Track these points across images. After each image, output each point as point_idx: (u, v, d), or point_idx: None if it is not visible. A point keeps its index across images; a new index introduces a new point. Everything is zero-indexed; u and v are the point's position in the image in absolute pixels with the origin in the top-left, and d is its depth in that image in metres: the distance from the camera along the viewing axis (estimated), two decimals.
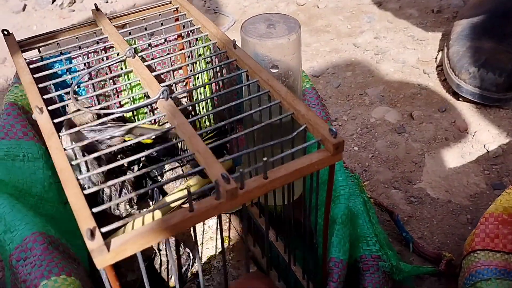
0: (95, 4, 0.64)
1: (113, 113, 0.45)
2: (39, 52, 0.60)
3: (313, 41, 1.14)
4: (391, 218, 0.71)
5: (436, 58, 1.05)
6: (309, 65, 1.07)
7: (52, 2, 1.31)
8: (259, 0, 1.30)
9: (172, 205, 0.59)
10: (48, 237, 0.46)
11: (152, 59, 0.62)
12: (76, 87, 0.50)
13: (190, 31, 0.60)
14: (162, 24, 0.66)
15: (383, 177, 0.82)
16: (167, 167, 0.64)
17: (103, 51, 0.63)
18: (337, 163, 0.49)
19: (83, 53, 0.60)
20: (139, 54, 0.55)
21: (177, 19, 0.66)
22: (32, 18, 1.30)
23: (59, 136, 0.42)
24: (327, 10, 1.24)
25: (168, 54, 0.71)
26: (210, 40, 0.56)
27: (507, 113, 0.91)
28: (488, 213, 0.60)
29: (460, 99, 0.94)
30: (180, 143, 0.61)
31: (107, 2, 1.32)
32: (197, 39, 0.60)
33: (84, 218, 0.35)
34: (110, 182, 0.38)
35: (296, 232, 0.52)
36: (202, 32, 0.58)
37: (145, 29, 0.64)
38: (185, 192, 0.60)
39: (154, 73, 0.50)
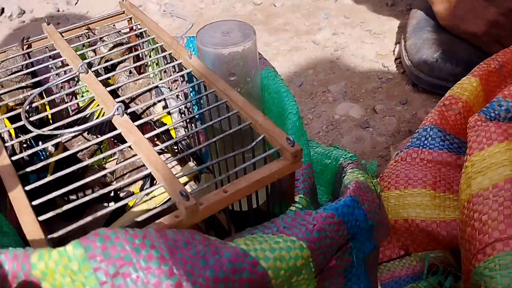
0: (46, 19, 0.62)
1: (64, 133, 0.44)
2: None
3: (273, 40, 1.14)
4: None
5: (394, 51, 1.06)
6: None
7: (1, 14, 1.26)
8: (215, 2, 1.29)
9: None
10: None
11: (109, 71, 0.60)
12: (27, 107, 0.48)
13: (146, 41, 0.59)
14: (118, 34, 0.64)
15: None
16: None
17: (60, 66, 0.61)
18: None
19: (36, 70, 0.57)
20: (97, 67, 0.53)
21: (132, 29, 0.65)
22: None
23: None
24: (284, 8, 1.24)
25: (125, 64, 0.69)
26: (166, 50, 0.55)
27: None
28: None
29: (419, 90, 0.96)
30: None
31: (58, 11, 1.28)
32: (153, 49, 0.59)
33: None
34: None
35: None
36: (157, 42, 0.57)
37: (100, 39, 0.63)
38: (149, 205, 0.59)
39: (109, 88, 0.49)
